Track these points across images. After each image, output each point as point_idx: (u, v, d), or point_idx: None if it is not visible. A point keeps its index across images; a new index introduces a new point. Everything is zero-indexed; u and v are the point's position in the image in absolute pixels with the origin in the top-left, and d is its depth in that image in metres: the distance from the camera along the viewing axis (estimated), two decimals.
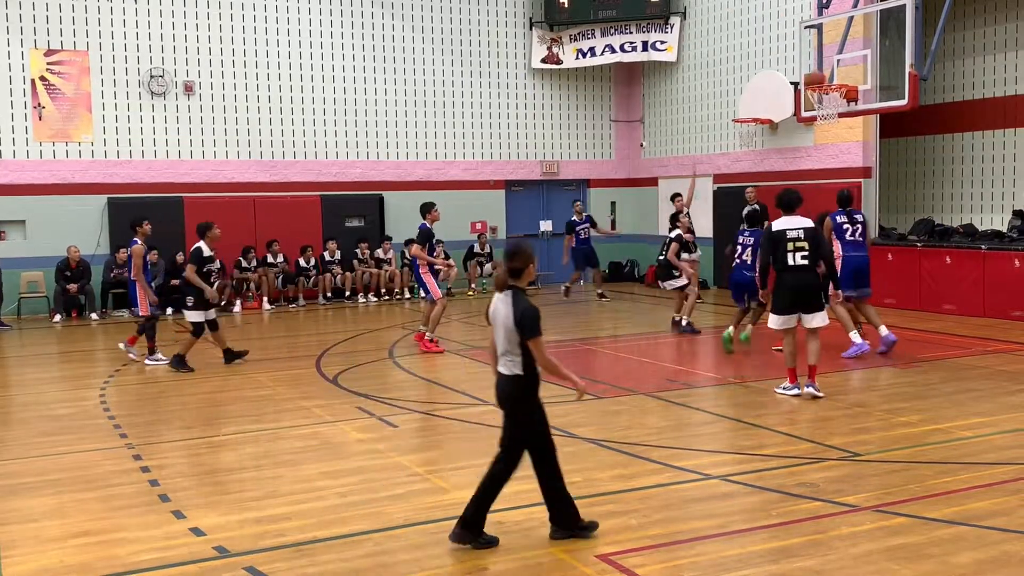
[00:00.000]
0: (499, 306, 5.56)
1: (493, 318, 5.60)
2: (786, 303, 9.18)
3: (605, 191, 22.90)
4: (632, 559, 5.36)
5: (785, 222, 9.21)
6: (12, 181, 17.65)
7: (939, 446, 7.61)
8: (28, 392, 10.86)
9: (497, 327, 5.55)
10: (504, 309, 5.50)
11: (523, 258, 5.55)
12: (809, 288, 9.13)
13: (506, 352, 5.53)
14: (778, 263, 9.16)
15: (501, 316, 5.51)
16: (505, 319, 5.48)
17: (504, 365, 5.57)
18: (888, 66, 14.87)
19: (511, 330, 5.46)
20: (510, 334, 5.47)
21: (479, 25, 21.30)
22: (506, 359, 5.54)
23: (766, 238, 9.33)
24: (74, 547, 5.77)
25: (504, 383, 5.60)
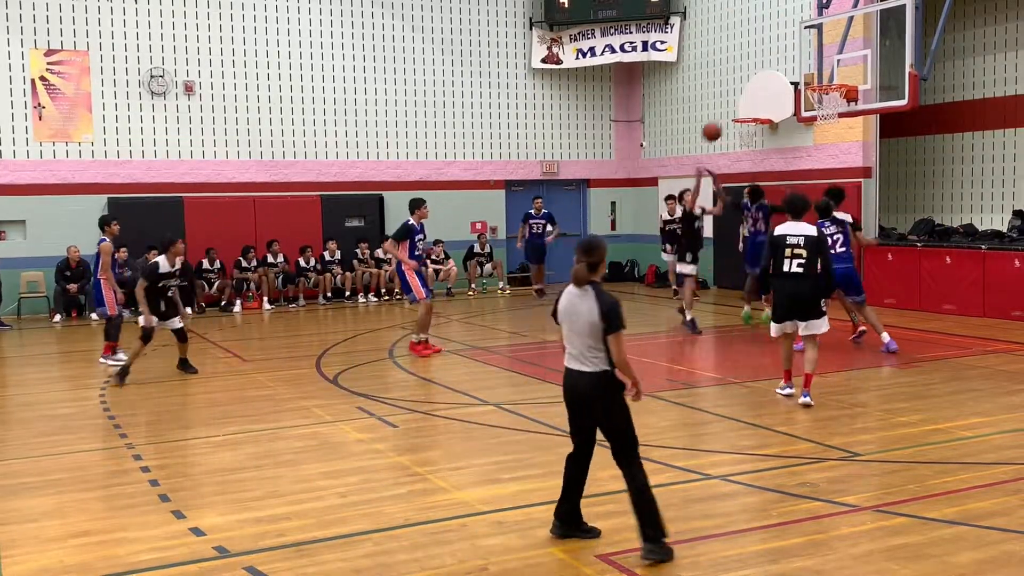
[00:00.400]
0: (576, 301, 5.42)
1: (568, 314, 5.45)
2: (781, 310, 9.08)
3: (605, 191, 22.90)
4: (632, 559, 5.36)
5: (788, 227, 9.04)
6: (12, 181, 17.65)
7: (939, 446, 7.61)
8: (28, 392, 10.86)
9: (576, 323, 5.40)
10: (586, 303, 5.36)
11: (600, 252, 5.45)
12: (804, 296, 8.91)
13: (589, 348, 5.39)
14: (774, 268, 9.05)
15: (584, 311, 5.36)
16: (589, 313, 5.34)
17: (585, 362, 5.43)
18: (888, 66, 14.87)
19: (595, 325, 5.33)
20: (594, 329, 5.34)
21: (479, 25, 21.30)
22: (589, 355, 5.41)
23: (768, 242, 9.27)
24: (74, 547, 5.77)
25: (587, 381, 5.44)
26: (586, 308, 5.35)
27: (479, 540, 5.71)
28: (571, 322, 5.44)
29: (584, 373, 5.44)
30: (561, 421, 8.62)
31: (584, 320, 5.36)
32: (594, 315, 5.33)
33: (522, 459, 7.47)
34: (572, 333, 5.46)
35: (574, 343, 5.46)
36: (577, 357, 5.46)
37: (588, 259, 5.38)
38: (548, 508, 6.26)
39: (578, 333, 5.40)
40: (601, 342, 5.36)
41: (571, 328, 5.45)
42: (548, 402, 9.54)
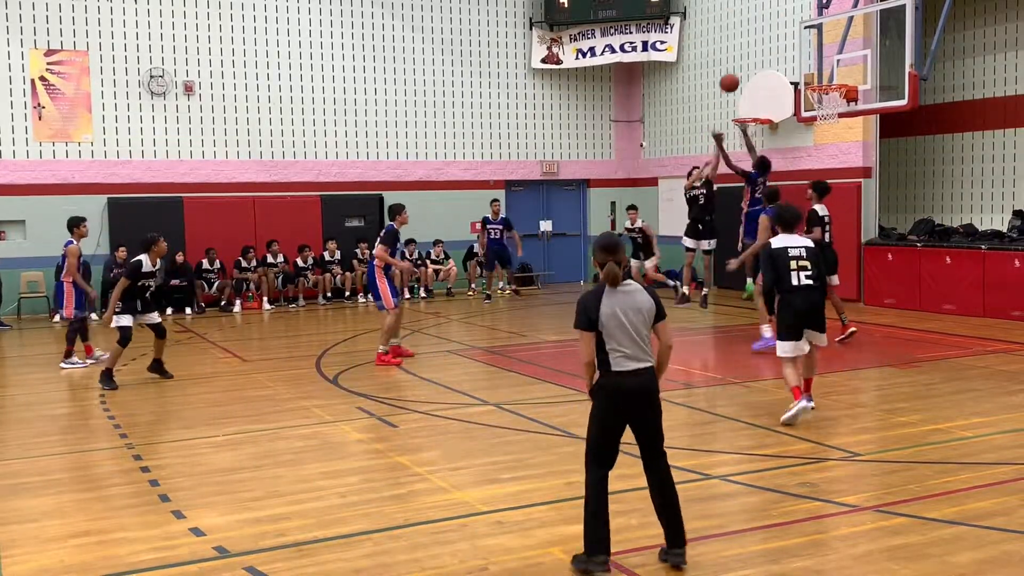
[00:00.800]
0: (626, 298, 5.23)
1: (625, 313, 5.19)
2: (795, 325, 8.48)
3: (605, 191, 22.90)
4: (633, 559, 5.36)
5: (785, 240, 8.63)
6: (12, 181, 17.65)
7: (939, 446, 7.62)
8: (28, 392, 10.86)
9: (635, 319, 5.21)
10: (640, 298, 5.25)
11: (623, 248, 5.37)
12: (817, 308, 8.59)
13: (646, 342, 5.26)
14: (783, 284, 8.54)
15: (644, 306, 5.23)
16: (648, 308, 5.25)
17: (644, 359, 5.24)
18: (888, 66, 14.87)
19: (651, 316, 5.26)
20: (647, 323, 5.26)
21: (479, 25, 21.30)
22: (648, 349, 5.27)
23: (767, 257, 8.68)
24: (74, 547, 5.77)
25: (647, 379, 5.25)
26: (644, 300, 5.25)
27: (479, 540, 5.71)
28: (629, 320, 5.21)
29: (639, 371, 5.24)
30: (560, 421, 8.66)
31: (644, 314, 5.25)
32: (652, 307, 5.27)
33: (522, 459, 7.47)
34: (631, 331, 5.21)
35: (632, 341, 5.22)
36: (634, 356, 5.23)
37: (615, 257, 5.26)
38: (548, 508, 6.27)
39: (636, 330, 5.22)
40: (649, 334, 5.31)
41: (630, 325, 5.21)
42: (548, 402, 9.54)
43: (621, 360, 5.21)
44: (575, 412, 9.05)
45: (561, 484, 6.77)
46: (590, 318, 5.21)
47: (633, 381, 5.22)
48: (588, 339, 5.23)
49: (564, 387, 10.29)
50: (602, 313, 5.20)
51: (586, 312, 5.22)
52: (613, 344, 5.21)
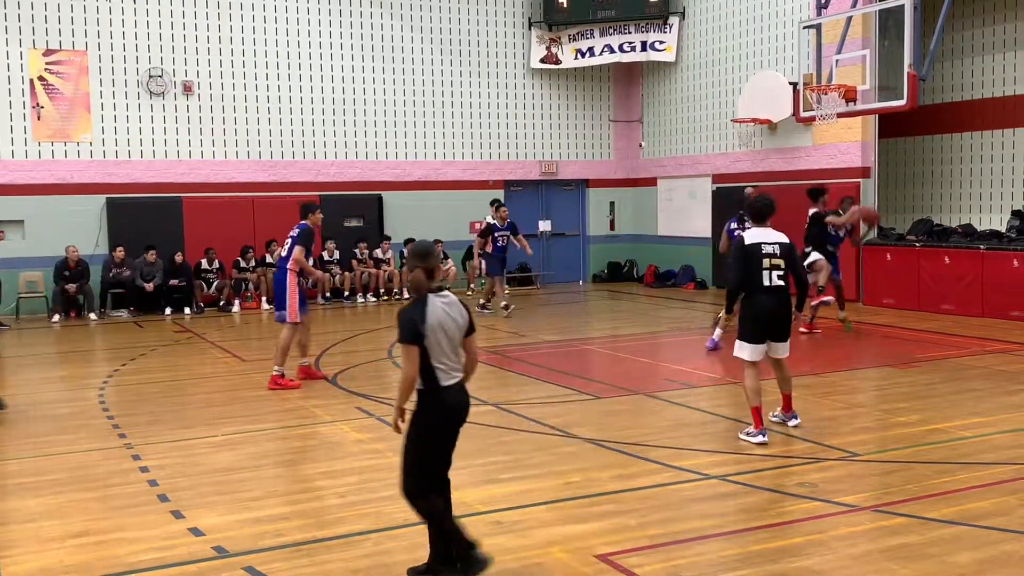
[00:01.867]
0: (447, 309, 5.01)
1: (445, 325, 4.97)
2: (760, 328, 7.78)
3: (604, 191, 22.90)
4: (631, 559, 5.36)
5: (759, 234, 7.80)
6: (11, 181, 17.64)
7: (938, 446, 7.62)
8: (27, 392, 10.85)
9: (452, 332, 5.01)
10: (456, 309, 5.04)
11: (435, 257, 5.10)
12: (786, 311, 7.86)
13: (459, 356, 5.07)
14: (752, 282, 7.75)
15: (457, 317, 5.03)
16: (463, 320, 5.06)
17: (458, 374, 5.07)
18: (887, 66, 14.89)
19: (464, 329, 5.08)
20: (460, 336, 5.06)
21: (478, 25, 21.30)
22: (460, 364, 5.09)
23: (739, 252, 7.85)
24: (73, 547, 5.77)
25: (462, 391, 5.09)
26: (462, 311, 5.07)
27: (478, 540, 5.70)
28: (450, 332, 4.99)
29: (456, 386, 5.06)
30: (559, 421, 8.66)
31: (458, 327, 5.04)
32: (465, 320, 5.07)
33: (521, 459, 7.47)
34: (449, 344, 5.01)
35: (453, 353, 5.03)
36: (454, 369, 5.05)
37: (425, 264, 5.03)
38: (547, 508, 6.28)
39: (452, 342, 5.01)
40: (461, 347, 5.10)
41: (448, 339, 4.99)
42: (547, 402, 9.54)
43: (443, 374, 4.99)
44: (574, 412, 9.06)
45: (560, 484, 6.78)
46: (417, 331, 4.91)
47: (458, 396, 5.07)
48: (415, 354, 4.92)
49: (563, 387, 10.29)
50: (428, 325, 4.93)
51: (413, 324, 4.92)
52: (438, 357, 4.97)
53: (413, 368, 4.92)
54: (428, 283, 5.02)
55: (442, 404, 5.01)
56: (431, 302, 4.97)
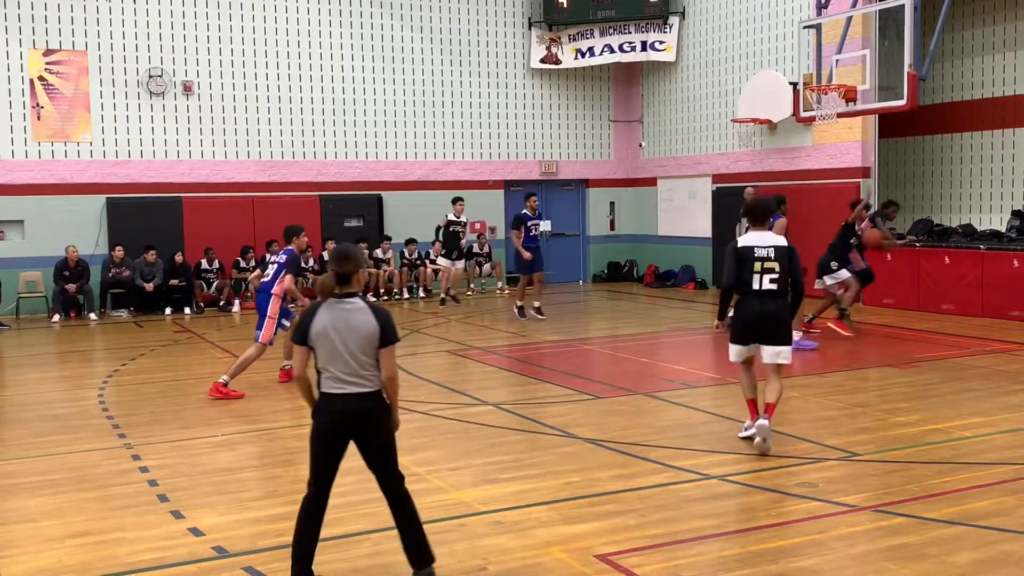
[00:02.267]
0: (343, 315, 4.88)
1: (331, 331, 4.86)
2: (745, 331, 7.67)
3: (604, 191, 22.90)
4: (631, 559, 5.36)
5: (754, 238, 7.66)
6: (11, 181, 17.64)
7: (938, 446, 7.62)
8: (27, 392, 10.85)
9: (345, 339, 4.85)
10: (356, 316, 4.87)
11: (355, 262, 4.96)
12: (775, 317, 7.59)
13: (363, 366, 4.88)
14: (742, 285, 7.61)
15: (356, 324, 4.86)
16: (368, 331, 4.87)
17: (359, 383, 4.88)
18: (887, 66, 14.89)
19: (369, 339, 4.87)
20: (366, 344, 4.87)
21: (478, 25, 21.30)
22: (365, 374, 4.89)
23: (731, 254, 7.69)
24: (73, 547, 5.77)
25: (360, 401, 4.89)
26: (364, 321, 4.88)
27: (478, 540, 5.71)
28: (342, 340, 4.86)
29: (354, 394, 4.88)
30: (559, 421, 8.66)
31: (362, 336, 4.86)
32: (370, 327, 4.87)
33: (521, 459, 7.47)
34: (343, 352, 4.86)
35: (344, 363, 4.86)
36: (345, 379, 4.87)
37: (340, 268, 4.93)
38: (547, 508, 6.27)
39: (350, 352, 4.86)
40: (374, 357, 4.90)
41: (343, 346, 4.86)
42: (547, 402, 9.54)
43: (329, 382, 4.91)
44: (574, 412, 9.06)
45: (560, 484, 6.78)
46: (303, 332, 4.92)
47: (340, 405, 4.89)
48: (299, 353, 4.96)
49: (563, 387, 10.29)
50: (313, 329, 4.88)
51: (300, 326, 4.94)
52: (322, 363, 4.91)
53: (298, 367, 4.96)
54: (331, 287, 4.94)
55: (321, 411, 4.94)
56: (325, 307, 4.91)
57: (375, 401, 4.95)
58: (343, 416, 4.91)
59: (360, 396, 4.90)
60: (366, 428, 4.95)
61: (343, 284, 4.95)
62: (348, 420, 4.92)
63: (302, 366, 4.95)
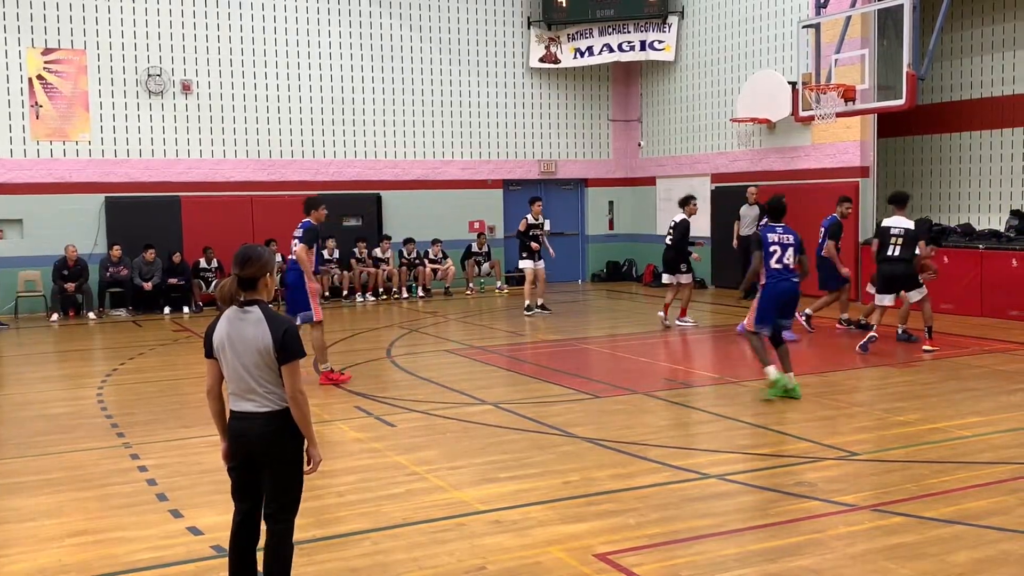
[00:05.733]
0: (239, 326, 4.44)
1: (227, 344, 4.43)
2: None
3: (603, 190, 22.91)
4: (629, 558, 5.36)
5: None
6: (9, 180, 17.63)
7: (936, 445, 7.62)
8: (25, 391, 10.85)
9: (240, 352, 4.41)
10: (251, 328, 4.41)
11: (259, 264, 4.47)
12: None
13: (260, 382, 4.40)
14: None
15: (249, 337, 4.40)
16: (257, 339, 4.39)
17: (256, 401, 4.42)
18: (886, 66, 14.90)
19: (267, 353, 4.38)
20: (266, 358, 4.38)
21: (477, 24, 21.29)
22: (262, 391, 4.41)
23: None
24: (71, 546, 5.77)
25: (264, 423, 4.42)
26: (254, 333, 4.41)
27: (477, 539, 5.71)
28: (236, 353, 4.41)
29: (256, 414, 4.43)
30: (557, 421, 8.66)
31: (256, 351, 4.39)
32: (266, 341, 4.39)
33: (520, 458, 7.47)
34: (238, 367, 4.42)
35: (239, 379, 4.43)
36: (242, 396, 4.45)
37: (242, 272, 4.47)
38: (546, 507, 6.27)
39: (245, 367, 4.41)
40: (277, 373, 4.41)
41: (237, 360, 4.42)
42: (546, 401, 9.54)
43: (233, 398, 4.50)
44: (573, 412, 9.07)
45: (559, 483, 6.78)
46: (207, 344, 4.52)
47: (238, 425, 4.48)
48: (208, 367, 4.54)
49: (562, 387, 10.29)
50: (214, 341, 4.48)
51: (206, 337, 4.54)
52: (226, 378, 4.49)
53: (208, 382, 4.56)
54: (231, 294, 4.48)
55: (228, 429, 4.57)
56: (225, 317, 4.49)
57: (273, 423, 4.43)
58: (238, 436, 4.49)
59: (254, 416, 4.42)
60: (260, 451, 4.46)
61: (246, 290, 4.47)
62: (244, 441, 4.48)
63: (213, 381, 4.54)
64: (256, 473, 4.53)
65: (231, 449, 4.56)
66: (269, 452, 4.47)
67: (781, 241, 9.44)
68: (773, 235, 9.49)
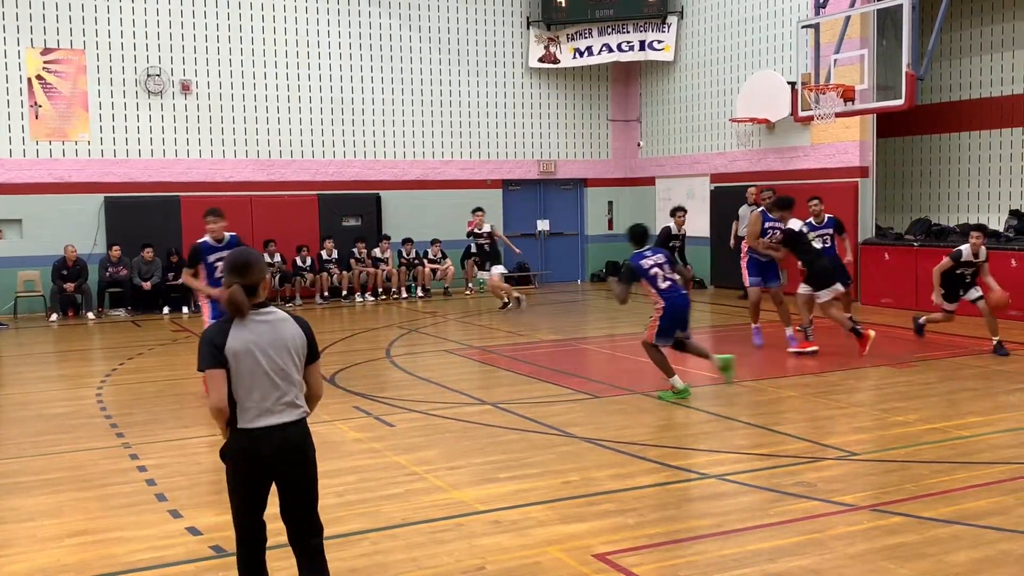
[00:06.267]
0: (265, 329, 4.16)
1: (256, 349, 4.12)
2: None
3: (602, 190, 22.91)
4: (629, 558, 5.36)
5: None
6: (9, 180, 17.63)
7: (935, 445, 7.62)
8: (25, 391, 10.85)
9: (273, 356, 4.15)
10: (284, 329, 4.20)
11: (260, 267, 4.25)
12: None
13: (293, 386, 4.21)
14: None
15: (286, 337, 4.19)
16: (294, 339, 4.21)
17: (294, 409, 4.22)
18: (885, 66, 14.89)
19: (301, 352, 4.23)
20: (297, 359, 4.22)
21: (476, 24, 21.29)
22: (294, 397, 4.21)
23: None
24: (71, 546, 5.77)
25: (302, 432, 4.24)
26: (292, 333, 4.21)
27: (476, 539, 5.71)
28: (270, 360, 4.13)
29: (297, 423, 4.22)
30: (557, 421, 8.66)
31: (292, 352, 4.19)
32: (298, 343, 4.22)
33: (519, 458, 7.48)
34: (271, 374, 4.15)
35: (272, 387, 4.15)
36: (274, 408, 4.17)
37: (245, 280, 4.18)
38: (545, 507, 6.28)
39: (280, 372, 4.16)
40: (300, 376, 4.26)
41: (270, 367, 4.14)
42: (545, 402, 9.54)
43: (246, 413, 4.15)
44: (572, 412, 9.07)
45: (558, 483, 6.78)
46: (215, 355, 4.10)
47: (271, 442, 4.16)
48: (219, 378, 4.10)
49: (561, 387, 10.30)
50: (229, 349, 4.08)
51: (212, 346, 4.11)
52: (239, 391, 4.13)
53: (217, 396, 4.12)
54: (246, 300, 4.16)
55: (238, 449, 4.22)
56: (239, 325, 4.15)
57: (306, 430, 4.28)
58: (273, 453, 4.17)
59: (293, 425, 4.20)
60: (298, 463, 4.24)
61: (252, 295, 4.20)
62: (279, 457, 4.19)
63: (224, 393, 4.13)
64: (293, 479, 4.27)
65: (254, 472, 4.22)
66: (304, 463, 4.26)
67: (656, 263, 9.48)
68: (646, 261, 9.44)
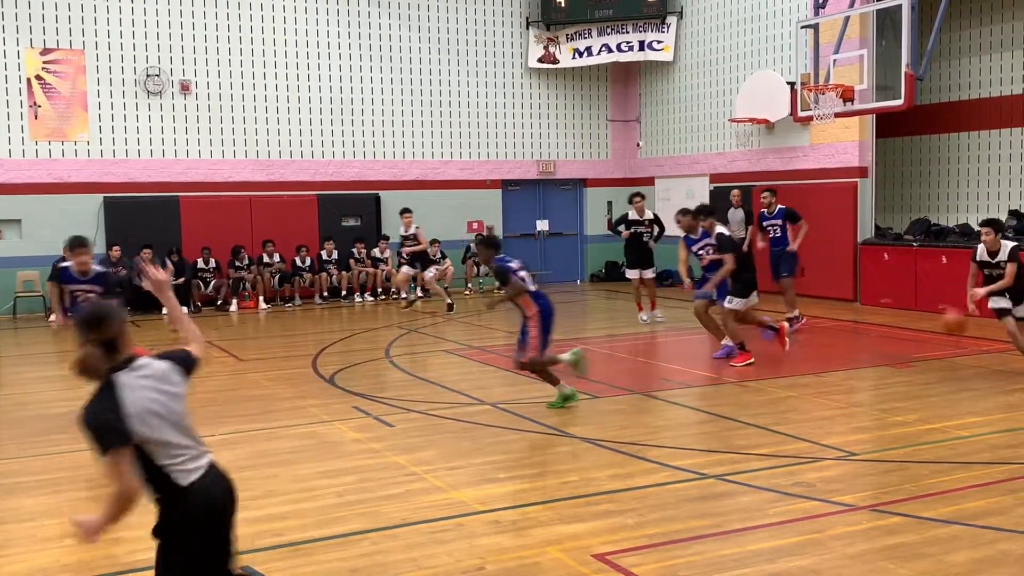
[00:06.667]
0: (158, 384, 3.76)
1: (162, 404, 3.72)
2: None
3: (602, 191, 22.90)
4: (628, 558, 5.36)
5: None
6: (8, 180, 17.62)
7: (935, 445, 7.63)
8: (24, 391, 10.85)
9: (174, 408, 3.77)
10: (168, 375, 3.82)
11: (119, 320, 3.81)
12: None
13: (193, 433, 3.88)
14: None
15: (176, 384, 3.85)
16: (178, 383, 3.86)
17: (205, 452, 3.94)
18: (884, 66, 14.90)
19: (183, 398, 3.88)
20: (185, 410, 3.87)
21: (475, 24, 21.29)
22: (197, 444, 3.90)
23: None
24: (71, 546, 5.75)
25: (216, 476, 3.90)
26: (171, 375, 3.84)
27: (476, 539, 5.71)
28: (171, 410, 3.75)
29: (214, 468, 3.92)
30: (556, 421, 8.66)
31: (181, 393, 3.85)
32: (181, 378, 3.89)
33: (518, 458, 7.48)
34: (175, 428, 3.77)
35: (186, 434, 3.82)
36: (190, 459, 3.80)
37: (100, 335, 3.76)
38: (545, 507, 6.28)
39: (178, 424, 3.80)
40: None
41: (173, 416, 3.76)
42: (544, 402, 9.53)
43: (181, 471, 3.74)
44: (572, 412, 9.06)
45: (557, 483, 6.78)
46: (121, 429, 3.56)
47: (216, 483, 3.86)
48: (129, 458, 3.58)
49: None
50: (133, 415, 3.60)
51: (113, 423, 3.57)
52: (167, 448, 3.70)
53: (129, 478, 3.55)
54: (105, 360, 3.74)
55: (191, 507, 3.74)
56: (124, 384, 3.67)
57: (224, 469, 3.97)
58: (226, 489, 3.90)
59: (211, 470, 3.88)
60: (235, 499, 3.94)
61: (114, 352, 3.76)
62: (229, 494, 3.90)
63: (132, 477, 3.59)
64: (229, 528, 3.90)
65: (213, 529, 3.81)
66: (231, 511, 3.92)
67: (522, 266, 9.52)
68: (515, 263, 9.47)
